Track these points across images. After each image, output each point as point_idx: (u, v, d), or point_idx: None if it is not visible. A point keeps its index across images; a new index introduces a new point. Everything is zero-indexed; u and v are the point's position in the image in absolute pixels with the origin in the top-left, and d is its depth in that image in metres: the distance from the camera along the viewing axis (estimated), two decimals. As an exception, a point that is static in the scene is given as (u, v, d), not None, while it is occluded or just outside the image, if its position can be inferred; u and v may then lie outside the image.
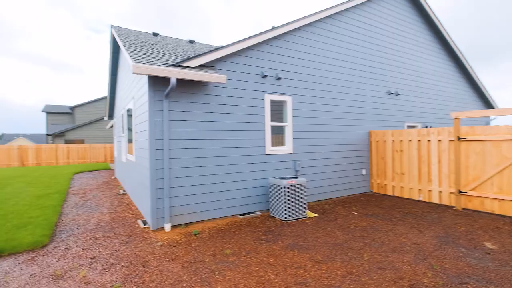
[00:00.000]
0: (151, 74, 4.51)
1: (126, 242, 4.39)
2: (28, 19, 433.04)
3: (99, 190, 9.03)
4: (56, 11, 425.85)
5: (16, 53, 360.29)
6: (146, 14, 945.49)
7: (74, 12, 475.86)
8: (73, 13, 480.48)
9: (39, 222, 5.27)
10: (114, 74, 10.62)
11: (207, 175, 5.30)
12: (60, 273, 3.40)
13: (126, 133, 7.81)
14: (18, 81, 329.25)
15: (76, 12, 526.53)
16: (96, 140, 25.77)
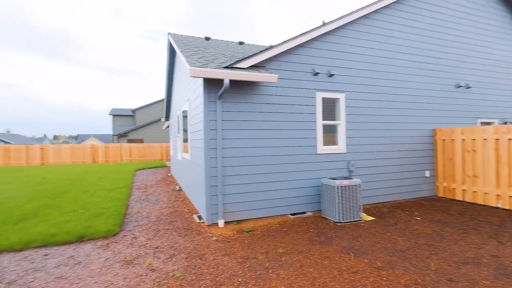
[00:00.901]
0: (206, 76, 4.72)
1: (184, 235, 4.66)
2: (96, 32, 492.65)
3: (158, 186, 9.79)
4: (119, 23, 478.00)
5: (87, 63, 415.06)
6: (196, 20, 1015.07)
7: (134, 23, 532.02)
8: (133, 24, 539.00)
9: (110, 212, 5.90)
10: (170, 78, 11.40)
11: (258, 174, 5.36)
12: (130, 260, 3.75)
13: (182, 133, 8.32)
14: (89, 88, 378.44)
15: (136, 23, 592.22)
16: (154, 139, 28.00)
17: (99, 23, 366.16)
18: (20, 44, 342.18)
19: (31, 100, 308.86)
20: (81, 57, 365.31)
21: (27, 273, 3.41)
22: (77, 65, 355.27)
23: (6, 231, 4.79)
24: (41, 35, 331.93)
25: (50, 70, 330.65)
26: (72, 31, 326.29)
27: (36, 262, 3.73)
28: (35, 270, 3.49)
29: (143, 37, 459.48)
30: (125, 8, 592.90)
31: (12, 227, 5.06)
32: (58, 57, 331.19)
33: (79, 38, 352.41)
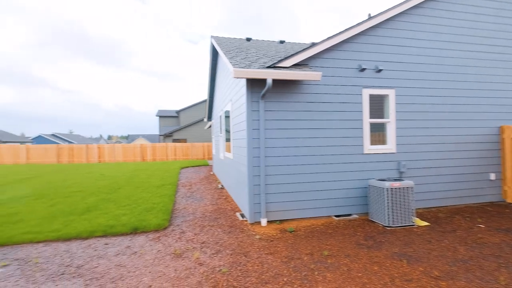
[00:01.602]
0: (250, 77, 4.79)
1: (228, 232, 4.78)
2: (142, 39, 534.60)
3: (201, 184, 10.20)
4: (161, 29, 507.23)
5: (135, 68, 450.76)
6: (234, 21, 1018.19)
7: (174, 27, 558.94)
8: (173, 29, 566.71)
9: (160, 208, 6.28)
10: (212, 80, 11.78)
11: (301, 174, 5.29)
12: (179, 253, 3.95)
13: (224, 133, 8.54)
14: (137, 91, 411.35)
15: (176, 28, 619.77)
16: (196, 139, 29.23)
17: (145, 30, 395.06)
18: (78, 53, 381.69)
19: (88, 104, 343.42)
20: (130, 63, 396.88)
21: (92, 259, 3.78)
22: (126, 70, 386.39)
23: (74, 221, 5.37)
24: (95, 44, 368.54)
25: (104, 76, 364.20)
26: (122, 39, 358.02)
27: (98, 250, 4.12)
28: (98, 257, 3.85)
29: (184, 40, 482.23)
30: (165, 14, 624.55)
31: (78, 217, 5.65)
32: (110, 64, 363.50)
33: (128, 45, 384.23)
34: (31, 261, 3.75)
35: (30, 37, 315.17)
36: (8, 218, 5.63)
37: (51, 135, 58.56)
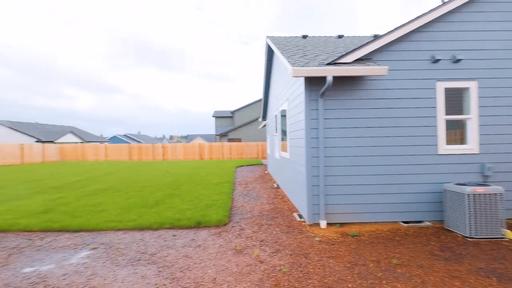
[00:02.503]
0: (309, 75, 4.69)
1: (287, 232, 4.76)
2: (198, 44, 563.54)
3: (257, 183, 10.38)
4: (215, 33, 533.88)
5: (192, 72, 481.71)
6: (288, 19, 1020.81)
7: (228, 30, 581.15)
8: (226, 31, 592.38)
9: (219, 204, 6.57)
10: (267, 80, 11.89)
11: (364, 175, 4.99)
12: (240, 249, 4.06)
13: (280, 132, 8.55)
14: (195, 94, 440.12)
15: (229, 30, 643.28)
16: (250, 138, 29.88)
17: (201, 35, 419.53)
18: (144, 61, 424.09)
19: (153, 106, 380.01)
20: (188, 67, 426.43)
21: (162, 249, 4.12)
22: (185, 75, 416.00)
23: (146, 213, 5.93)
24: (158, 52, 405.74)
25: (166, 81, 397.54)
26: (181, 46, 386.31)
27: (167, 240, 4.48)
28: (167, 247, 4.18)
29: (237, 43, 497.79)
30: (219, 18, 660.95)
31: (149, 210, 6.23)
32: (171, 70, 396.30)
33: (186, 51, 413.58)
34: (114, 246, 4.25)
35: (105, 49, 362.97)
36: (95, 207, 6.49)
37: (123, 136, 65.98)
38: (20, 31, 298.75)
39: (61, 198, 7.66)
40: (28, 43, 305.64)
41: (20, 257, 3.86)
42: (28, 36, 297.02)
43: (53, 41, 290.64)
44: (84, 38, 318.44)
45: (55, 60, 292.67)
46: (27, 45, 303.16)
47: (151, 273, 3.37)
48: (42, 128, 39.62)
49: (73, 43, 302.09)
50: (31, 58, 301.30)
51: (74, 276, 3.32)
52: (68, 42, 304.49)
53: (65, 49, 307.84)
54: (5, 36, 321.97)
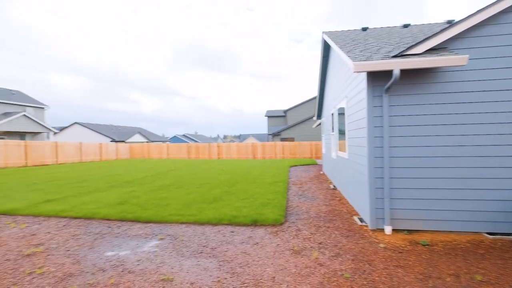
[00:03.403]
0: (372, 70, 4.38)
1: (347, 236, 4.52)
2: (250, 44, 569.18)
3: (312, 183, 10.13)
4: (266, 33, 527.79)
5: (244, 73, 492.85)
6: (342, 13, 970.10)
7: (278, 28, 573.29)
8: (277, 30, 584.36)
9: (275, 204, 6.57)
10: (323, 77, 11.52)
11: (436, 178, 4.47)
12: (297, 250, 3.99)
13: (337, 131, 8.20)
14: (247, 94, 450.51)
15: (279, 28, 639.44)
16: (303, 138, 29.38)
17: (252, 36, 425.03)
18: (199, 65, 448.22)
19: (208, 107, 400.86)
20: (241, 68, 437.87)
21: (222, 244, 4.28)
22: (238, 76, 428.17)
23: (205, 209, 6.24)
24: (212, 56, 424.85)
25: (219, 83, 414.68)
26: (234, 48, 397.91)
27: (226, 236, 4.63)
28: (226, 243, 4.32)
29: (289, 40, 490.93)
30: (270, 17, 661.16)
31: (208, 205, 6.55)
32: (224, 72, 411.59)
33: (239, 53, 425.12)
34: (178, 238, 4.55)
35: (166, 56, 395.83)
36: (160, 201, 7.07)
37: (182, 135, 70.85)
38: (94, 47, 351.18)
39: (132, 191, 8.52)
40: (102, 56, 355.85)
41: (103, 242, 4.39)
42: (101, 50, 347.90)
43: (122, 53, 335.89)
44: (148, 47, 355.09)
45: (123, 69, 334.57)
46: (101, 58, 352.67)
47: (213, 266, 3.51)
48: (116, 129, 44.88)
49: (139, 53, 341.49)
50: (104, 68, 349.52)
51: (146, 262, 3.64)
52: (134, 52, 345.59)
53: (132, 59, 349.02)
54: (83, 52, 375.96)
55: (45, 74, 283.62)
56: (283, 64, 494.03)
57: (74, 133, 38.74)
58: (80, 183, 10.53)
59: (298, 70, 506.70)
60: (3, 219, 5.75)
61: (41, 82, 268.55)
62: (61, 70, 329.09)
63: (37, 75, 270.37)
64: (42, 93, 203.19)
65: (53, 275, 3.29)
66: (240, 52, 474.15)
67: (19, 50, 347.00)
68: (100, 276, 3.27)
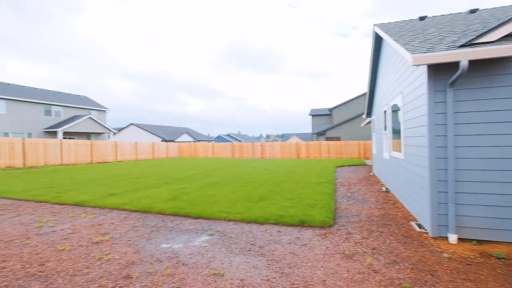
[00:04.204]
0: (435, 62, 3.99)
1: (404, 242, 4.19)
2: (293, 42, 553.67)
3: (361, 185, 9.63)
4: (310, 30, 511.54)
5: (287, 72, 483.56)
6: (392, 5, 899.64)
7: (322, 25, 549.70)
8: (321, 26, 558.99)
9: (322, 205, 6.38)
10: (374, 73, 10.87)
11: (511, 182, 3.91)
12: (349, 254, 3.81)
13: (390, 129, 7.66)
14: (290, 93, 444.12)
15: (323, 24, 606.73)
16: (350, 137, 28.17)
17: (295, 34, 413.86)
18: (242, 66, 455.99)
19: (250, 107, 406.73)
20: (283, 67, 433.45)
21: (269, 243, 4.27)
22: (281, 75, 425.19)
23: (251, 207, 6.31)
24: (255, 56, 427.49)
25: (262, 83, 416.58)
26: (277, 47, 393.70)
27: (273, 235, 4.61)
28: (274, 242, 4.31)
29: (333, 36, 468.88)
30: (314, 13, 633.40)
31: (254, 204, 6.61)
32: (267, 71, 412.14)
33: (281, 52, 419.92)
34: (227, 234, 4.66)
35: (210, 59, 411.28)
36: (208, 198, 7.33)
37: (226, 135, 73.00)
38: (147, 55, 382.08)
39: (182, 188, 8.99)
40: (153, 62, 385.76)
41: (158, 235, 4.69)
42: (153, 56, 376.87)
43: (171, 58, 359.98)
44: (195, 52, 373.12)
45: (172, 73, 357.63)
46: (152, 64, 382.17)
47: (261, 265, 3.52)
48: (166, 130, 47.94)
49: (186, 58, 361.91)
50: (155, 73, 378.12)
51: (198, 256, 3.80)
52: (182, 58, 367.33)
53: (180, 64, 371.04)
54: (137, 60, 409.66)
55: (104, 80, 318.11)
56: (328, 61, 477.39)
57: (130, 133, 42.38)
58: (137, 179, 11.44)
59: (344, 67, 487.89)
60: (76, 209, 6.49)
61: (101, 87, 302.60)
62: (118, 76, 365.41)
63: (97, 81, 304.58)
64: (101, 97, 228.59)
65: (118, 262, 3.60)
66: (283, 51, 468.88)
67: (83, 60, 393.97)
68: (158, 266, 3.49)
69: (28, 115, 27.36)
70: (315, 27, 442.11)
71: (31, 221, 5.47)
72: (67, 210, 6.37)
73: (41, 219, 5.59)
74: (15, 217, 5.82)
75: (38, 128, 28.12)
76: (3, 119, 25.38)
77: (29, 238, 4.51)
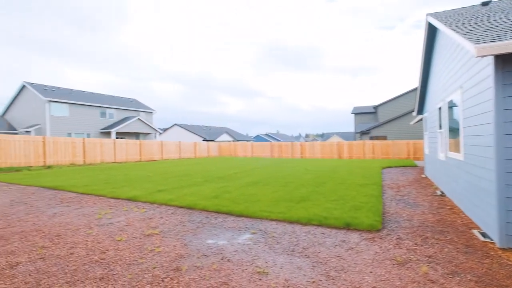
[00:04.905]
0: (504, 52, 3.54)
1: (465, 252, 3.79)
2: (334, 38, 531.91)
3: (411, 187, 8.97)
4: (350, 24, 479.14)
5: (327, 69, 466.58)
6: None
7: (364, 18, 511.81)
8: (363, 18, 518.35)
9: (368, 207, 6.06)
10: (426, 66, 10.04)
11: None
12: (401, 261, 3.55)
13: (446, 128, 7.01)
14: (330, 90, 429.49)
15: (366, 17, 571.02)
16: (398, 136, 26.42)
17: (334, 29, 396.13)
18: (280, 63, 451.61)
19: (289, 107, 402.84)
20: (323, 64, 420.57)
21: (313, 245, 4.17)
22: (320, 72, 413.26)
23: (293, 207, 6.23)
24: (293, 54, 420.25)
25: (300, 81, 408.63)
26: (315, 44, 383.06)
27: (317, 237, 4.49)
28: (318, 244, 4.19)
29: (376, 29, 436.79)
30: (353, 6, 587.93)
31: (295, 204, 6.52)
32: (305, 69, 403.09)
33: (320, 49, 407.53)
34: (269, 234, 4.66)
35: (249, 59, 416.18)
36: (250, 197, 7.41)
37: (265, 135, 73.34)
38: (188, 57, 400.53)
39: (224, 187, 9.21)
40: (193, 64, 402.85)
41: (203, 230, 4.86)
42: (194, 59, 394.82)
43: (210, 61, 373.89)
44: (234, 53, 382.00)
45: (213, 75, 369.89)
46: (192, 66, 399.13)
47: (306, 266, 3.44)
48: (206, 130, 49.70)
49: (225, 59, 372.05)
50: (196, 75, 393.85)
51: (242, 253, 3.85)
52: (221, 59, 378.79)
53: (219, 65, 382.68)
54: (179, 63, 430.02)
55: (149, 83, 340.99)
56: (371, 55, 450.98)
57: (173, 133, 44.76)
58: (181, 177, 12.02)
59: (389, 61, 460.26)
60: (129, 204, 7.02)
61: (147, 90, 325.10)
62: (161, 79, 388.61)
63: (143, 84, 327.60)
64: (148, 99, 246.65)
65: (168, 255, 3.80)
66: (322, 47, 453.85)
67: (130, 65, 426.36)
68: (204, 260, 3.61)
69: (87, 117, 30.40)
70: (357, 20, 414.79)
71: (92, 213, 6.04)
72: (122, 204, 6.92)
73: (100, 212, 6.15)
74: (79, 208, 6.48)
75: (95, 129, 31.07)
76: (67, 121, 28.51)
77: (91, 228, 4.98)
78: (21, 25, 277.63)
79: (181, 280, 3.12)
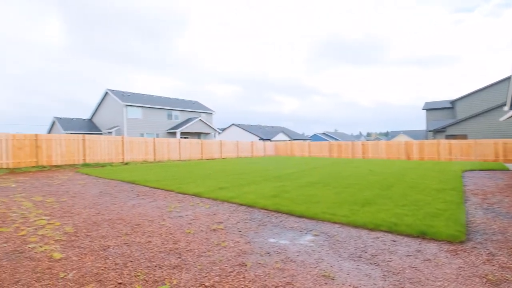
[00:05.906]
0: None
1: None
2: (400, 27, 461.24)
3: (503, 195, 7.66)
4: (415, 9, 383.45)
5: (390, 62, 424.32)
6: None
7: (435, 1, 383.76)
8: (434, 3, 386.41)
9: (447, 215, 5.37)
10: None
11: None
12: (494, 280, 3.05)
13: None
14: (394, 85, 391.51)
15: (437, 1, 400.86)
16: (482, 135, 22.91)
17: (397, 17, 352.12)
18: (336, 59, 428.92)
19: (348, 104, 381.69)
20: (386, 57, 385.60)
21: (382, 252, 3.85)
22: (383, 66, 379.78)
23: (358, 211, 5.87)
24: (351, 48, 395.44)
25: (360, 76, 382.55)
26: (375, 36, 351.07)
27: (387, 244, 4.14)
28: (388, 252, 3.86)
29: (450, 12, 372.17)
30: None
31: (360, 208, 6.13)
32: (366, 63, 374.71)
33: (382, 40, 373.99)
34: (333, 237, 4.46)
35: (303, 57, 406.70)
36: (310, 198, 7.23)
37: (322, 134, 71.20)
38: (243, 59, 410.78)
39: (282, 186, 9.18)
40: (249, 66, 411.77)
41: (265, 229, 4.91)
42: (249, 61, 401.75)
43: (263, 62, 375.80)
44: (287, 51, 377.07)
45: (267, 75, 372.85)
46: (249, 67, 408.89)
47: (376, 275, 3.20)
48: (263, 129, 50.41)
49: (278, 59, 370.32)
50: (251, 76, 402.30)
51: (305, 255, 3.77)
52: (275, 58, 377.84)
53: (274, 65, 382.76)
54: (234, 65, 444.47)
55: (208, 85, 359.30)
56: (444, 44, 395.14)
57: (231, 133, 46.55)
58: (239, 175, 12.38)
59: (466, 49, 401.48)
60: (195, 199, 7.51)
61: (206, 92, 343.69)
62: (219, 81, 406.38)
63: (203, 86, 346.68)
64: (207, 100, 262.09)
65: (232, 250, 3.94)
66: (385, 38, 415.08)
67: (191, 69, 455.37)
68: (267, 259, 3.64)
69: (156, 119, 33.67)
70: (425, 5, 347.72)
71: (163, 206, 6.63)
72: (188, 199, 7.44)
73: (170, 205, 6.71)
74: (153, 201, 7.18)
75: (163, 129, 34.21)
76: (140, 122, 32.02)
77: (164, 220, 5.46)
78: (104, 37, 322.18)
79: (247, 276, 3.19)
